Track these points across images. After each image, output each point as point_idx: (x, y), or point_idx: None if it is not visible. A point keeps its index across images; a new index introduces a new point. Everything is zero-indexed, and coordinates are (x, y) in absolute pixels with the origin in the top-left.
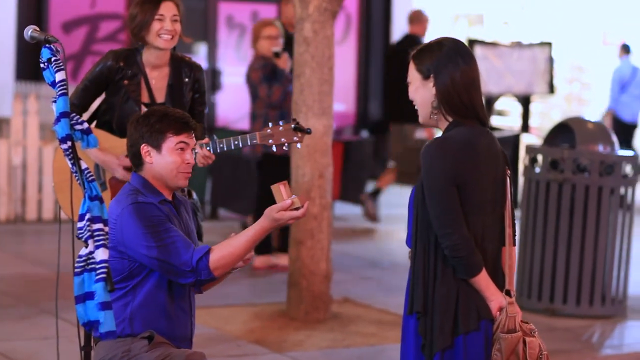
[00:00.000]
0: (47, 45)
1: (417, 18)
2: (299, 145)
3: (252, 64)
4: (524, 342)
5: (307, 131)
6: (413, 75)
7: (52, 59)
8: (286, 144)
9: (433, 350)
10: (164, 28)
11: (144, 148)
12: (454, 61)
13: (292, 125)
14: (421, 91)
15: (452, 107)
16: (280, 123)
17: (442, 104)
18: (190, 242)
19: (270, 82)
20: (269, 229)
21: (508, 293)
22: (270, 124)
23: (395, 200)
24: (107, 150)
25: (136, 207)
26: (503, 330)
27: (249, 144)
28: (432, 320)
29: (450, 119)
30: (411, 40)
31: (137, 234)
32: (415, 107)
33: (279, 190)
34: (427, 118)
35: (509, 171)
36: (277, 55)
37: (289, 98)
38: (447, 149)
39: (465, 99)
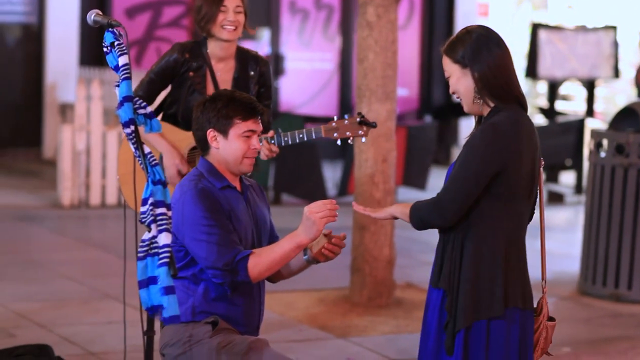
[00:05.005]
0: (110, 29)
1: None
2: (363, 139)
3: None
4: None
5: (373, 125)
6: (451, 68)
7: (115, 43)
8: (351, 138)
9: (455, 329)
10: (227, 19)
11: (211, 133)
12: (486, 47)
13: (358, 119)
14: (463, 81)
15: (492, 91)
16: (345, 117)
17: (483, 89)
18: (233, 242)
19: None
20: (304, 237)
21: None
22: (335, 117)
23: None
24: (174, 145)
25: (195, 194)
26: (545, 319)
27: (313, 137)
28: (457, 300)
29: (492, 105)
30: None
31: (188, 222)
32: (459, 99)
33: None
34: (471, 106)
35: (542, 161)
36: None
37: None
38: (499, 138)
39: (503, 83)
